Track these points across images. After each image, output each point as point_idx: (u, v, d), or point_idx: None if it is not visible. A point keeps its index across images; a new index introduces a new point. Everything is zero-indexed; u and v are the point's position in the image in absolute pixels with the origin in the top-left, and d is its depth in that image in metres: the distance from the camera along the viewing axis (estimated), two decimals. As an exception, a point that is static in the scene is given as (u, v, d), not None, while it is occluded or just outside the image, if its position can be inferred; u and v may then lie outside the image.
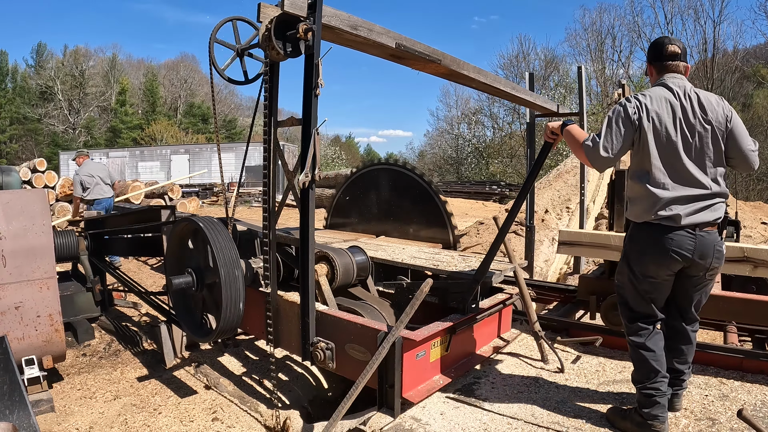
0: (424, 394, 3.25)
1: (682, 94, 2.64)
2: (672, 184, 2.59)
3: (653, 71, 2.81)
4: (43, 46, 54.23)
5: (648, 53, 2.84)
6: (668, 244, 2.59)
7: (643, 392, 2.77)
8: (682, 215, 2.56)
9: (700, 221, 2.58)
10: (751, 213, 11.45)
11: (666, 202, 2.58)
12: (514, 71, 40.58)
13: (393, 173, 5.87)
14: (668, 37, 2.82)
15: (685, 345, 2.90)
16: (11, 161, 42.83)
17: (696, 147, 2.60)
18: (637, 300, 2.82)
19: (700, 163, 2.60)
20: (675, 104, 2.62)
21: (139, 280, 6.54)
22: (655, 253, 2.65)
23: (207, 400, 4.06)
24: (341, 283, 3.89)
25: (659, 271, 2.68)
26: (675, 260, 2.62)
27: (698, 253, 2.59)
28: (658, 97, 2.64)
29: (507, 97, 5.05)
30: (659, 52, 2.75)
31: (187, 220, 3.79)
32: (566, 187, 11.17)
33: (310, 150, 3.13)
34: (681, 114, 2.60)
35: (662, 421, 2.73)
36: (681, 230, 2.57)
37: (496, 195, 24.59)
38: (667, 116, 2.59)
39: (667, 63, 2.74)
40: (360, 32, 3.24)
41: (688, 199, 2.58)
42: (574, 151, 2.86)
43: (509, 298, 4.22)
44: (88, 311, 4.88)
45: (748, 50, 34.37)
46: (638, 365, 2.81)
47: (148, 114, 53.94)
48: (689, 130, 2.59)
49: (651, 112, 2.60)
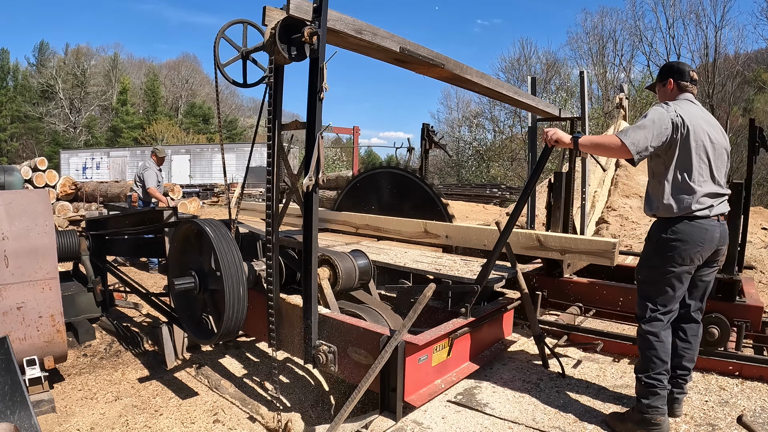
0: (425, 398, 3.25)
1: (701, 109, 3.08)
2: (704, 181, 2.93)
3: (675, 88, 3.14)
4: (45, 44, 54.26)
5: (672, 72, 3.17)
6: (704, 233, 2.90)
7: (645, 382, 2.92)
8: (714, 205, 2.92)
9: (721, 212, 2.97)
10: (752, 218, 11.44)
11: (700, 197, 2.90)
12: (515, 74, 40.54)
13: (394, 176, 5.88)
14: (688, 65, 3.22)
15: (693, 336, 3.12)
16: (12, 160, 42.82)
17: (716, 154, 2.97)
18: (663, 292, 2.98)
19: (718, 166, 2.98)
20: (703, 117, 3.00)
21: (140, 280, 6.53)
22: (693, 243, 2.90)
23: (208, 401, 4.07)
24: (343, 286, 3.89)
25: (693, 260, 2.94)
26: (707, 248, 2.93)
27: (722, 239, 2.99)
28: (690, 108, 2.99)
29: (510, 101, 5.06)
30: (685, 73, 3.12)
31: (190, 222, 3.79)
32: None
33: (314, 153, 3.14)
34: (706, 126, 2.97)
35: (662, 413, 2.88)
36: (710, 220, 2.92)
37: (496, 198, 24.54)
38: (698, 125, 2.93)
39: (690, 85, 3.12)
40: (364, 36, 3.25)
41: (714, 195, 2.94)
42: (603, 152, 3.28)
43: (510, 303, 4.22)
44: (89, 312, 4.87)
45: (749, 55, 34.37)
46: (645, 355, 2.97)
47: (149, 114, 53.84)
48: (712, 139, 2.96)
49: (687, 119, 2.91)
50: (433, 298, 3.61)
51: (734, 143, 30.58)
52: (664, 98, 3.17)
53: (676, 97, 3.10)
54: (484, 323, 3.88)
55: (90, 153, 35.77)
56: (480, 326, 3.84)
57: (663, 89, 3.20)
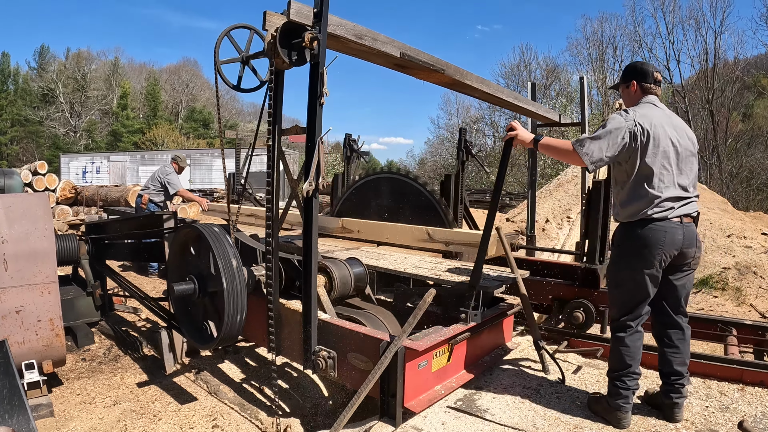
0: (425, 404, 3.24)
1: (667, 112, 3.07)
2: (665, 185, 2.93)
3: (639, 90, 3.14)
4: (46, 48, 54.46)
5: (635, 74, 3.17)
6: (663, 236, 2.91)
7: (613, 382, 3.08)
8: (674, 208, 2.93)
9: (684, 213, 2.96)
10: (752, 223, 11.45)
11: (661, 201, 2.92)
12: (515, 80, 40.63)
13: (395, 182, 5.87)
14: (652, 65, 3.22)
15: (680, 340, 3.11)
16: (12, 163, 42.87)
17: (681, 158, 2.98)
18: (629, 296, 3.05)
19: (682, 170, 2.99)
20: (667, 121, 3.01)
21: (140, 284, 6.52)
22: (653, 246, 2.92)
23: (207, 406, 4.05)
24: (339, 294, 3.90)
25: (655, 263, 2.94)
26: (669, 251, 2.92)
27: (687, 241, 2.95)
28: (652, 113, 2.99)
29: (509, 107, 5.07)
30: (649, 75, 3.12)
31: (190, 227, 3.79)
32: (567, 197, 11.18)
33: (315, 158, 3.14)
34: (670, 130, 2.97)
35: (625, 411, 3.02)
36: (670, 222, 2.92)
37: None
38: (660, 131, 2.93)
39: (653, 86, 3.12)
40: (365, 41, 3.25)
41: (676, 198, 2.94)
42: (560, 157, 3.25)
43: (510, 309, 4.22)
44: (88, 316, 4.86)
45: (748, 60, 34.41)
46: (614, 358, 3.11)
47: (150, 118, 53.98)
48: (675, 143, 2.97)
49: (647, 126, 2.91)
50: (434, 303, 3.60)
51: (734, 149, 30.66)
52: (627, 100, 3.21)
53: (639, 101, 3.11)
54: (484, 329, 3.87)
55: (90, 157, 35.88)
56: (480, 332, 3.83)
57: (626, 91, 3.20)
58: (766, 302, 6.69)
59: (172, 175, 8.66)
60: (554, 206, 10.78)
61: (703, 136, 30.79)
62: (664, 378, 3.11)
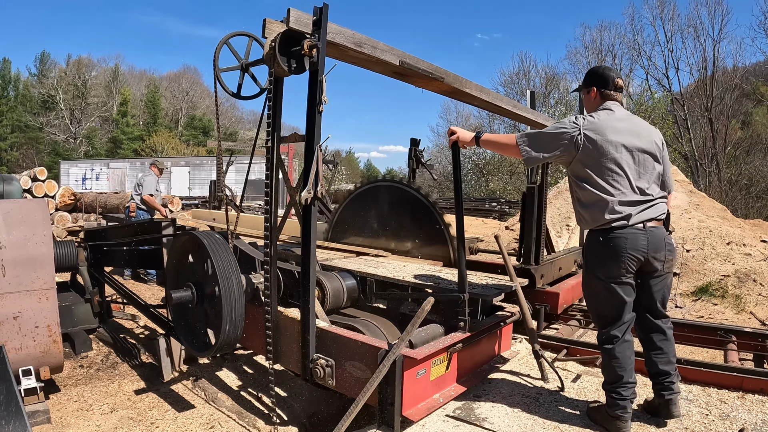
0: (424, 412, 3.23)
1: (624, 117, 3.05)
2: (619, 191, 2.91)
3: (598, 96, 3.15)
4: (47, 55, 54.57)
5: (595, 79, 3.18)
6: (624, 242, 2.88)
7: (609, 394, 3.07)
8: (632, 214, 2.88)
9: (647, 218, 2.91)
10: (751, 231, 11.43)
11: (617, 206, 2.89)
12: (514, 88, 40.67)
13: (394, 190, 5.87)
14: (614, 70, 3.20)
15: (662, 341, 3.11)
16: (12, 169, 42.89)
17: (638, 161, 2.96)
18: (604, 305, 3.06)
19: (640, 173, 2.96)
20: (624, 126, 2.98)
21: (138, 292, 6.50)
22: (616, 254, 2.90)
23: (205, 414, 4.03)
24: (332, 306, 3.92)
25: (621, 270, 2.92)
26: (634, 257, 2.89)
27: (652, 246, 2.91)
28: (607, 118, 2.99)
29: (508, 115, 5.07)
30: (609, 81, 3.11)
31: (189, 234, 3.79)
32: (566, 205, 11.16)
33: (313, 166, 3.14)
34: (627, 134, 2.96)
35: (624, 420, 2.99)
36: (632, 228, 2.88)
37: (495, 212, 24.56)
38: (611, 137, 2.91)
39: (614, 93, 3.11)
40: (364, 49, 3.26)
41: (634, 203, 2.91)
42: (501, 151, 3.36)
43: (509, 317, 4.21)
44: (86, 322, 4.85)
45: (747, 68, 34.46)
46: (606, 370, 3.10)
47: (150, 125, 54.09)
48: (630, 147, 2.94)
49: (593, 134, 2.92)
50: (431, 311, 3.59)
51: (733, 156, 30.68)
52: (588, 105, 3.22)
53: (598, 107, 3.11)
54: (482, 337, 3.86)
55: (90, 164, 35.91)
56: (479, 340, 3.82)
57: (587, 96, 3.22)
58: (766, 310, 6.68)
59: (148, 177, 8.84)
60: (553, 214, 10.77)
61: (702, 144, 30.85)
62: (653, 379, 3.15)
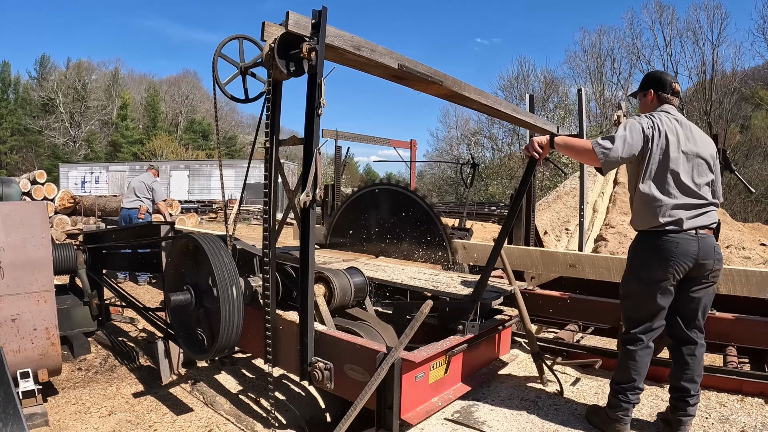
0: (422, 416, 3.22)
1: (683, 122, 3.03)
2: (675, 193, 2.87)
3: (655, 99, 3.15)
4: (47, 58, 54.67)
5: (653, 82, 3.18)
6: (675, 247, 2.83)
7: (615, 395, 3.03)
8: (684, 219, 2.84)
9: (699, 224, 2.87)
10: (750, 234, 11.45)
11: (670, 208, 2.85)
12: (513, 92, 40.88)
13: (393, 194, 5.88)
14: (671, 75, 3.22)
15: (690, 356, 2.99)
16: (11, 172, 42.88)
17: (693, 165, 2.93)
18: (640, 308, 2.99)
19: (694, 178, 2.92)
20: (681, 129, 2.97)
21: (137, 295, 6.50)
22: (663, 257, 2.85)
23: (203, 418, 4.02)
24: (338, 304, 3.87)
25: (667, 275, 2.86)
26: (682, 263, 2.84)
27: (703, 253, 2.85)
28: (667, 120, 2.97)
29: (507, 118, 5.08)
30: (667, 85, 3.12)
31: (187, 237, 3.78)
32: (565, 209, 11.19)
33: (312, 169, 3.14)
34: (684, 138, 2.94)
35: (624, 424, 2.99)
36: (684, 233, 2.84)
37: (495, 216, 24.53)
38: (673, 137, 2.92)
39: (671, 96, 3.11)
40: (363, 53, 3.27)
41: (688, 207, 2.87)
42: (575, 156, 3.18)
43: (508, 320, 4.20)
44: (84, 325, 4.85)
45: (746, 72, 34.60)
46: (620, 370, 3.05)
47: (149, 129, 54.15)
48: (687, 151, 2.93)
49: (662, 131, 2.91)
50: (431, 315, 3.59)
51: (732, 160, 30.73)
52: (644, 108, 3.21)
53: (655, 109, 3.10)
54: (481, 341, 3.86)
55: (89, 167, 35.94)
56: (478, 344, 3.81)
57: (644, 99, 3.22)
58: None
59: (156, 183, 8.96)
60: (552, 218, 10.79)
61: (701, 148, 30.83)
62: (671, 392, 3.03)
